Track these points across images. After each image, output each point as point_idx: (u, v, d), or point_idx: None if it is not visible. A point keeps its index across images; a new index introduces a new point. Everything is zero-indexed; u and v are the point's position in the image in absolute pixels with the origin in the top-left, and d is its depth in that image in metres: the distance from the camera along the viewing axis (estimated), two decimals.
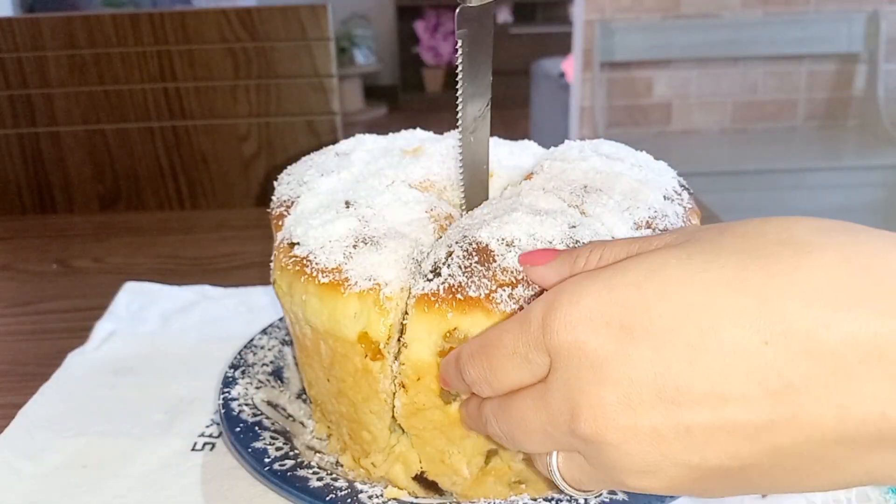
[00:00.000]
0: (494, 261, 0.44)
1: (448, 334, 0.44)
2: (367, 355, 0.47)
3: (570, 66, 3.24)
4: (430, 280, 0.45)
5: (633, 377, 0.31)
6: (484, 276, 0.43)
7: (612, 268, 0.33)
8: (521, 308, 0.42)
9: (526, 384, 0.37)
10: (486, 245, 0.45)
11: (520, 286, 0.43)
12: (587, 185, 0.51)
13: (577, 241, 0.45)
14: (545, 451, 0.37)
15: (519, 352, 0.36)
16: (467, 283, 0.43)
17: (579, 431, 0.33)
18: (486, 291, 0.43)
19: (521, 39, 5.75)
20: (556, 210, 0.48)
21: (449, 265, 0.45)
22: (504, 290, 0.43)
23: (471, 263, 0.44)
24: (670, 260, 0.32)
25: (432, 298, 0.44)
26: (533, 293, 0.43)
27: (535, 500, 0.46)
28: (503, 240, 0.45)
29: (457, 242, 0.46)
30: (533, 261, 0.41)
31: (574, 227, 0.46)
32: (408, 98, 5.90)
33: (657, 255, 0.33)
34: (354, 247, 0.48)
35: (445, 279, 0.44)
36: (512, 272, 0.43)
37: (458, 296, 0.43)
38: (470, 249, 0.45)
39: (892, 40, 2.99)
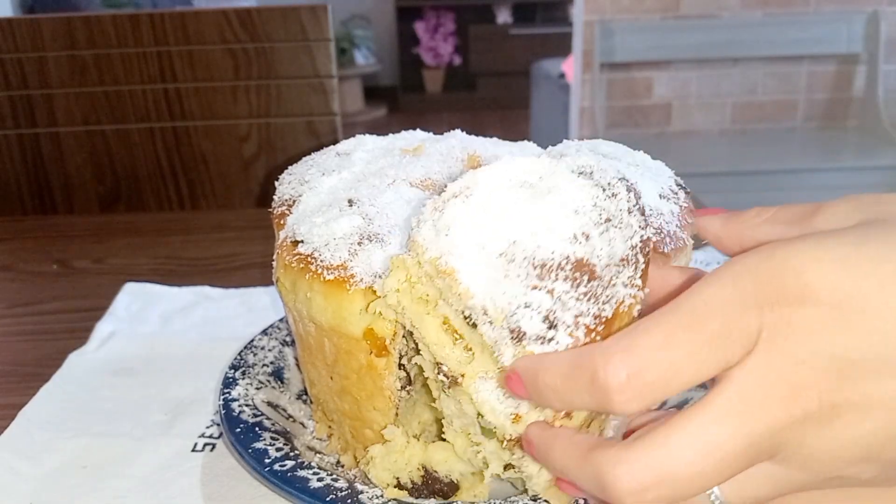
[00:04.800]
0: (596, 273, 0.37)
1: None
2: (372, 352, 0.47)
3: (570, 66, 3.24)
4: (547, 340, 0.36)
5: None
6: (606, 288, 0.37)
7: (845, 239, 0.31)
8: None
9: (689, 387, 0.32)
10: (582, 258, 0.37)
11: (631, 267, 0.37)
12: None
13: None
14: (715, 480, 0.32)
15: (729, 319, 0.31)
16: (600, 309, 0.36)
17: (810, 405, 0.30)
18: (620, 298, 0.37)
19: (521, 40, 5.76)
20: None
21: (566, 305, 0.36)
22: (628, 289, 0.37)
23: (587, 289, 0.37)
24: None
25: None
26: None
27: (534, 499, 0.46)
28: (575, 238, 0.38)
29: (536, 271, 0.37)
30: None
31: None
32: (408, 99, 5.91)
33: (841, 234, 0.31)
34: (359, 244, 0.48)
35: (578, 323, 0.36)
36: (614, 264, 0.37)
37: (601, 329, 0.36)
38: (569, 271, 0.37)
39: (891, 41, 2.99)
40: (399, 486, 0.49)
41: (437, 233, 0.40)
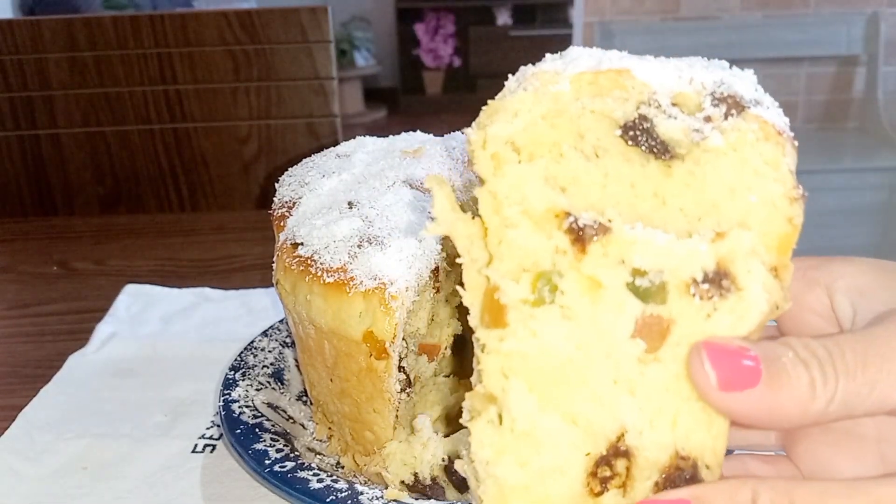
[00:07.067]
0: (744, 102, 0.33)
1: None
2: (371, 354, 0.47)
3: None
4: (760, 104, 0.33)
5: None
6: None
7: None
8: None
9: None
10: (735, 91, 0.33)
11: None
12: None
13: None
14: None
15: None
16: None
17: None
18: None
19: (521, 41, 5.75)
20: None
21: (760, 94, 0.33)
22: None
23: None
24: None
25: (776, 130, 0.32)
26: None
27: None
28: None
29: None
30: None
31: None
32: (408, 100, 5.91)
33: None
34: (359, 246, 0.48)
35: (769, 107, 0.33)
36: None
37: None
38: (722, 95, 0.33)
39: (891, 42, 2.99)
40: (416, 480, 0.49)
41: (566, 64, 0.35)
